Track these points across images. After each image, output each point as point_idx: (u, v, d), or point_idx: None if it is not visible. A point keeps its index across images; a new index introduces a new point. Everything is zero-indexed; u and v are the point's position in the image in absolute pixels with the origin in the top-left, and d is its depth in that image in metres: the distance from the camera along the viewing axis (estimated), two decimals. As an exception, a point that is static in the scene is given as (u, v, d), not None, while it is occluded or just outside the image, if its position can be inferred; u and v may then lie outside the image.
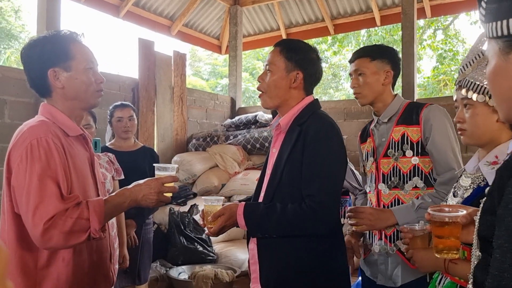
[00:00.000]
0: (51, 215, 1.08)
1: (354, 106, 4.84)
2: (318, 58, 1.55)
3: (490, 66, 0.72)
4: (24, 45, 1.30)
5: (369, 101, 1.72)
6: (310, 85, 1.54)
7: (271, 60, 1.51)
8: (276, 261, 1.43)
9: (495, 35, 0.68)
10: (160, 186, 1.23)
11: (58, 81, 1.25)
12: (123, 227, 2.51)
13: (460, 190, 1.26)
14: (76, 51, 1.27)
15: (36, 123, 1.20)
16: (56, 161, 1.14)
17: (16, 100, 3.39)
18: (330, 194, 1.37)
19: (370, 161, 1.75)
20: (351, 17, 5.91)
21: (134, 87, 4.47)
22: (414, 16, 4.68)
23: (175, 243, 3.63)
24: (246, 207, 1.40)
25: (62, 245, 1.12)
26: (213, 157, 4.68)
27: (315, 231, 1.39)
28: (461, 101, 1.23)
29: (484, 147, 1.23)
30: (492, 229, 0.65)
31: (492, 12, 0.68)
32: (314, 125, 1.41)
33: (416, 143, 1.62)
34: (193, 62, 18.33)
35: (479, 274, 0.77)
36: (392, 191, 1.65)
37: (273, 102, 1.52)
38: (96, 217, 1.13)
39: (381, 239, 1.68)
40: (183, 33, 6.17)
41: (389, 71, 1.70)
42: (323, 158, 1.38)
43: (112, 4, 5.13)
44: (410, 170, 1.62)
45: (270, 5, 6.12)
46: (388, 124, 1.71)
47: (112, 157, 2.46)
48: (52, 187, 1.11)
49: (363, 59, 1.70)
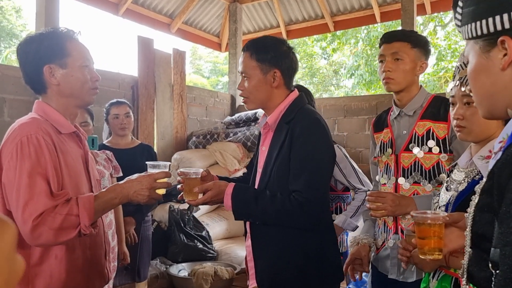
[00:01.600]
0: (40, 211, 1.09)
1: (354, 103, 4.83)
2: (289, 49, 1.52)
3: (471, 65, 0.75)
4: (21, 41, 1.30)
5: (400, 88, 1.63)
6: (289, 78, 1.52)
7: (244, 67, 1.49)
8: (269, 257, 1.44)
9: (475, 35, 0.71)
10: (152, 182, 1.23)
11: (54, 77, 1.25)
12: (121, 224, 2.52)
13: (453, 184, 1.26)
14: (72, 49, 1.27)
15: (27, 121, 1.20)
16: (46, 158, 1.14)
17: (15, 98, 3.39)
18: (316, 190, 1.37)
19: (388, 152, 1.69)
20: (351, 14, 5.89)
21: (134, 85, 4.47)
22: (414, 13, 4.66)
23: (175, 241, 3.64)
24: (235, 188, 1.39)
25: (52, 241, 1.12)
26: (213, 155, 4.69)
27: (300, 225, 1.39)
28: (461, 98, 1.22)
29: (478, 143, 1.23)
30: (490, 226, 0.66)
31: (469, 14, 0.72)
32: (300, 122, 1.41)
33: (443, 139, 1.57)
34: (194, 60, 18.33)
35: (475, 270, 0.78)
36: (412, 186, 1.61)
37: (257, 104, 1.51)
38: (86, 213, 1.13)
39: (397, 233, 1.64)
40: (183, 31, 6.17)
41: (424, 62, 1.64)
42: (310, 154, 1.38)
43: (111, 2, 5.13)
44: (433, 166, 1.58)
45: (269, 2, 6.11)
46: (411, 117, 1.65)
47: (110, 155, 2.47)
48: (41, 184, 1.12)
49: (404, 44, 1.60)
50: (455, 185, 1.25)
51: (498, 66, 0.69)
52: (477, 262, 0.78)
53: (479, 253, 0.77)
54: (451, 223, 1.07)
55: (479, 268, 0.76)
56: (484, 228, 0.72)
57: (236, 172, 4.56)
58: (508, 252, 0.59)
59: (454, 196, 1.22)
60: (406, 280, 1.62)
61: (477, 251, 0.78)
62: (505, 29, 0.67)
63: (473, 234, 0.79)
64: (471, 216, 0.79)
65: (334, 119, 4.88)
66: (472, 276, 0.79)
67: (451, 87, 1.28)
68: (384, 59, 1.64)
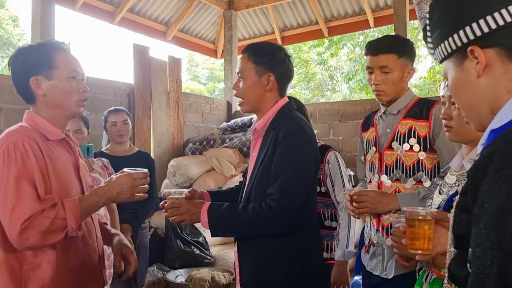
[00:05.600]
0: (28, 215, 1.11)
1: (349, 107, 4.86)
2: (286, 56, 1.55)
3: (450, 81, 0.79)
4: (12, 53, 1.35)
5: (391, 98, 1.67)
6: (283, 84, 1.55)
7: (241, 68, 1.53)
8: (253, 262, 1.45)
9: (446, 54, 0.77)
10: (132, 181, 1.26)
11: (40, 89, 1.29)
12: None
13: (446, 188, 1.27)
14: (60, 60, 1.30)
15: (14, 129, 1.24)
16: (32, 164, 1.17)
17: (12, 107, 3.41)
18: (290, 194, 1.37)
19: (372, 150, 1.74)
20: (345, 19, 5.95)
21: (130, 92, 4.50)
22: (406, 18, 4.71)
23: (172, 247, 3.65)
24: (210, 206, 1.42)
25: (39, 244, 1.14)
26: (210, 161, 4.70)
27: (274, 231, 1.39)
28: (449, 98, 1.24)
29: (469, 145, 1.24)
30: (467, 227, 0.68)
31: (437, 37, 0.78)
32: (284, 128, 1.43)
33: (423, 138, 1.60)
34: (190, 66, 18.38)
35: (455, 269, 0.80)
36: (394, 183, 1.64)
37: (250, 107, 1.54)
38: (73, 216, 1.16)
39: (379, 231, 1.67)
40: (179, 38, 6.21)
41: (412, 69, 1.67)
42: (288, 158, 1.40)
43: (106, 10, 5.17)
44: (413, 164, 1.61)
45: (264, 9, 6.16)
46: (395, 116, 1.69)
47: (106, 162, 2.48)
48: (28, 188, 1.14)
49: (390, 55, 1.62)
50: (447, 189, 1.26)
51: (474, 75, 0.72)
52: (457, 262, 0.79)
53: (461, 253, 0.79)
54: (440, 219, 1.08)
55: (459, 268, 0.78)
56: (463, 229, 0.74)
57: (233, 177, 4.57)
58: (478, 253, 0.60)
59: (444, 200, 1.23)
60: (387, 277, 1.64)
61: (460, 251, 0.80)
62: (471, 40, 0.71)
63: (454, 235, 0.81)
64: (452, 217, 0.82)
65: (329, 123, 4.91)
66: (453, 275, 0.81)
67: (442, 87, 1.30)
68: (373, 71, 1.67)
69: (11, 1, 22.37)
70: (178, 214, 1.40)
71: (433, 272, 1.22)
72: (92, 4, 4.98)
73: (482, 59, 0.70)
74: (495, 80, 0.71)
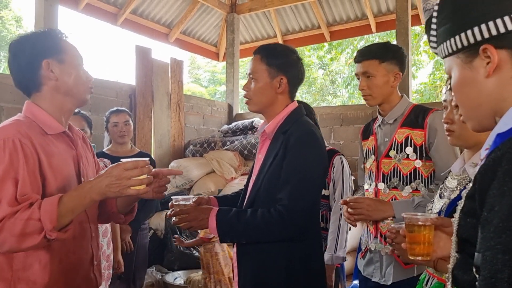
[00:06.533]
0: (0, 218, 1.04)
1: (350, 111, 4.87)
2: (299, 59, 1.55)
3: (454, 78, 0.77)
4: (13, 39, 1.29)
5: (378, 102, 1.72)
6: (294, 87, 1.55)
7: (253, 69, 1.51)
8: (252, 265, 1.45)
9: (455, 49, 0.74)
10: (122, 172, 1.11)
11: (52, 72, 1.23)
12: (117, 232, 2.52)
13: (447, 192, 1.27)
14: (67, 46, 1.28)
15: (8, 124, 1.18)
16: (20, 162, 1.10)
17: (13, 106, 3.42)
18: (299, 199, 1.37)
19: (371, 159, 1.76)
20: (347, 24, 5.97)
21: (132, 93, 4.51)
22: (408, 23, 4.73)
23: (171, 248, 3.65)
24: (219, 212, 1.41)
25: (16, 248, 1.07)
26: (210, 163, 4.71)
27: (283, 236, 1.38)
28: (451, 103, 1.23)
29: (470, 149, 1.24)
30: (473, 231, 0.67)
31: (445, 32, 0.75)
32: (295, 133, 1.43)
33: (420, 146, 1.63)
34: (192, 69, 18.41)
35: (460, 274, 0.79)
36: (391, 191, 1.67)
37: (259, 108, 1.53)
38: (47, 216, 1.05)
39: (377, 237, 1.69)
40: (181, 41, 6.23)
41: (398, 73, 1.69)
42: (299, 164, 1.39)
43: (109, 12, 5.19)
44: (410, 172, 1.64)
45: (266, 12, 6.18)
46: (392, 125, 1.72)
47: (107, 163, 2.48)
48: (8, 189, 1.07)
49: (372, 62, 1.68)
50: (448, 193, 1.25)
51: (483, 75, 0.71)
52: (462, 266, 0.78)
53: (465, 257, 0.78)
54: (440, 225, 1.08)
55: (463, 272, 0.77)
56: (469, 233, 0.73)
57: (233, 180, 4.57)
58: (489, 257, 0.59)
59: (446, 204, 1.23)
60: (386, 283, 1.65)
61: (463, 255, 0.79)
62: (485, 38, 0.70)
63: (458, 239, 0.80)
64: (457, 221, 0.81)
65: (330, 127, 4.91)
66: (457, 279, 0.80)
67: (444, 91, 1.30)
68: (359, 78, 1.73)
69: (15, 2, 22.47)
70: (187, 221, 1.39)
71: (434, 277, 1.22)
72: (95, 5, 5.01)
73: (495, 59, 0.69)
74: (503, 82, 0.70)
